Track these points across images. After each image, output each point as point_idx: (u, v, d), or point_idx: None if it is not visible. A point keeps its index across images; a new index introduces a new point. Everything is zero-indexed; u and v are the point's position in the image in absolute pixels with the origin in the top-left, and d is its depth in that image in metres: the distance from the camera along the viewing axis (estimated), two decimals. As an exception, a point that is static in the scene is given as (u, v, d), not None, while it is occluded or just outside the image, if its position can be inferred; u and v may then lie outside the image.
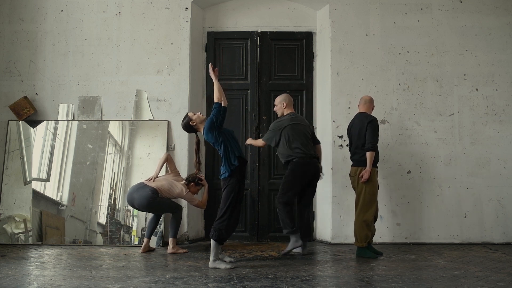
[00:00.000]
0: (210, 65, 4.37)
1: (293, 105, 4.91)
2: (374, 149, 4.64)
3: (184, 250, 4.89)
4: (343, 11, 5.60)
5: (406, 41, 5.57)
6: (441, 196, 5.45)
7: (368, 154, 4.60)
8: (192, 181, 4.98)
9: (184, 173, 5.37)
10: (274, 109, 4.95)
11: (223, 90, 4.26)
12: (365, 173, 4.60)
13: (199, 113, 4.49)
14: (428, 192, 5.45)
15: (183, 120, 4.48)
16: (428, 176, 5.46)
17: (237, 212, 4.26)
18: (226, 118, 5.74)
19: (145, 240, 4.91)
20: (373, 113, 5.46)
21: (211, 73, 4.31)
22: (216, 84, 4.24)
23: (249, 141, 4.96)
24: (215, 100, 4.20)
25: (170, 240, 4.87)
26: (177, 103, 5.52)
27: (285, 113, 4.83)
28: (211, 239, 4.15)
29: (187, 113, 4.50)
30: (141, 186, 4.79)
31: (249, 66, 5.81)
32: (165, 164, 5.10)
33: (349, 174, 4.88)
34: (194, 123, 4.41)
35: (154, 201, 4.71)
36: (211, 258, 4.16)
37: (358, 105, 4.93)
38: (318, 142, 4.96)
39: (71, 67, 5.60)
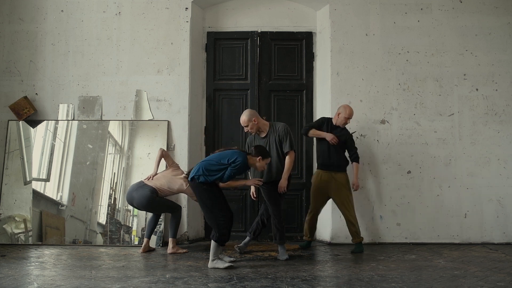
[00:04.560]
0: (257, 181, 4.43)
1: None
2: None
3: (184, 250, 4.89)
4: (343, 11, 5.60)
5: (406, 41, 5.57)
6: (441, 196, 5.45)
7: (357, 164, 5.00)
8: None
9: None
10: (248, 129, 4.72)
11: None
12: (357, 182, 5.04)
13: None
14: (428, 192, 5.45)
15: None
16: (428, 176, 5.46)
17: (227, 207, 4.24)
18: (226, 118, 5.80)
19: (145, 240, 4.91)
20: (373, 114, 5.51)
21: (254, 183, 4.43)
22: (241, 183, 4.52)
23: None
24: (223, 185, 4.34)
25: (170, 240, 4.87)
26: (177, 103, 5.52)
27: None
28: (211, 240, 4.16)
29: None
30: (141, 185, 4.79)
31: (249, 66, 5.81)
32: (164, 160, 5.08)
33: (314, 179, 5.05)
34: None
35: (153, 200, 4.72)
36: (210, 258, 4.17)
37: (340, 114, 5.01)
38: None
39: (71, 67, 5.60)
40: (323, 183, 4.94)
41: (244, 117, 4.54)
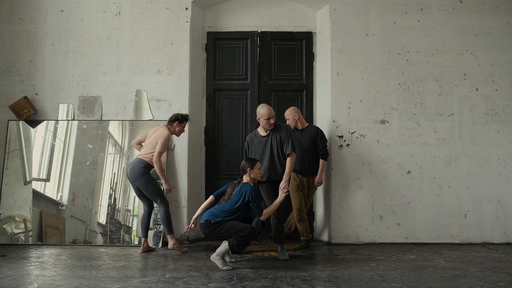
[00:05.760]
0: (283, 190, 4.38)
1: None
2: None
3: (185, 249, 4.89)
4: (343, 11, 5.59)
5: (406, 41, 5.57)
6: (441, 196, 5.44)
7: (324, 162, 5.13)
8: (175, 120, 4.97)
9: (184, 174, 5.40)
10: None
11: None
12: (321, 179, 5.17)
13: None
14: (428, 192, 5.45)
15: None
16: (428, 176, 5.46)
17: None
18: (226, 118, 5.80)
19: (143, 240, 4.89)
20: (373, 114, 5.51)
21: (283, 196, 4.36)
22: (276, 205, 4.36)
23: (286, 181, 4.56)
24: (265, 216, 4.28)
25: (169, 237, 4.86)
26: (177, 103, 5.52)
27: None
28: (227, 243, 4.14)
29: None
30: (136, 159, 4.88)
31: (249, 66, 5.81)
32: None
33: (291, 180, 5.05)
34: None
35: (143, 175, 4.76)
36: (216, 253, 4.15)
37: (298, 117, 5.15)
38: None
39: (71, 67, 5.60)
40: (301, 183, 5.14)
41: (270, 107, 4.60)
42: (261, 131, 4.67)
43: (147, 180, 4.79)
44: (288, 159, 4.55)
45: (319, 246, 5.29)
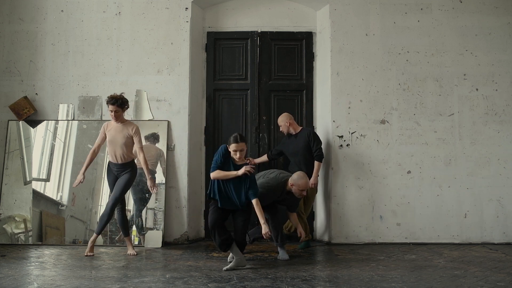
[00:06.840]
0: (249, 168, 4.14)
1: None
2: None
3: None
4: (343, 11, 5.60)
5: (406, 41, 5.57)
6: (441, 196, 5.44)
7: (319, 163, 5.07)
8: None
9: (184, 174, 5.40)
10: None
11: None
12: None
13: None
14: (428, 192, 5.45)
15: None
16: (428, 176, 5.46)
17: (214, 218, 4.16)
18: (226, 118, 5.80)
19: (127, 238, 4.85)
20: (373, 114, 5.51)
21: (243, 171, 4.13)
22: (230, 174, 4.14)
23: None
24: (213, 175, 4.15)
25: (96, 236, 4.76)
26: (177, 103, 5.52)
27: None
28: None
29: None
30: None
31: (249, 66, 5.81)
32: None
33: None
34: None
35: None
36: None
37: (290, 123, 5.18)
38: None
39: (71, 67, 5.60)
40: None
41: (304, 183, 4.47)
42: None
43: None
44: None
45: (319, 246, 5.29)
